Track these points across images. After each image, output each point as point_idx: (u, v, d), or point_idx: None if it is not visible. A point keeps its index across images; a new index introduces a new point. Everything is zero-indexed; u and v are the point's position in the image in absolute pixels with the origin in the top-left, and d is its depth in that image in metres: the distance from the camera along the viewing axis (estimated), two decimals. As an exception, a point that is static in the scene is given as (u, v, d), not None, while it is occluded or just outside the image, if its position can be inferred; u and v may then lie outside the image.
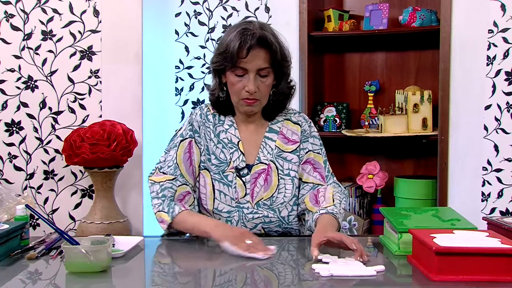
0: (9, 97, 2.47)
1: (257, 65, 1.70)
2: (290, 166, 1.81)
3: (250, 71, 1.71)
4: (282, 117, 1.87)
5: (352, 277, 1.31)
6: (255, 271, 1.39)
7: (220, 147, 1.80)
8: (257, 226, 1.78)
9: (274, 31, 1.77)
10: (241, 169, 1.78)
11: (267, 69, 1.72)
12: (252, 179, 1.78)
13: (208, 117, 1.84)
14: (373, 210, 3.02)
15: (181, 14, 3.02)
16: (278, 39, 1.75)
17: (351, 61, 3.14)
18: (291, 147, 1.83)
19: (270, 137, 1.83)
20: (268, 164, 1.79)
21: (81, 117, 2.50)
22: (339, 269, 1.33)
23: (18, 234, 1.59)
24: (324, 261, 1.41)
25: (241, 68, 1.71)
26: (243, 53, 1.68)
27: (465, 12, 2.62)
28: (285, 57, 1.77)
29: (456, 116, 2.66)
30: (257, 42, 1.68)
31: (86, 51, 2.48)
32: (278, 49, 1.72)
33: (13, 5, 2.45)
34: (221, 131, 1.82)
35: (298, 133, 1.85)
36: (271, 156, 1.81)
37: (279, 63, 1.74)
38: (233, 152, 1.79)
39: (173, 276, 1.41)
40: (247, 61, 1.70)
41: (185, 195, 1.78)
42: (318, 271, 1.33)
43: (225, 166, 1.79)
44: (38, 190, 2.51)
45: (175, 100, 3.06)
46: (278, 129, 1.85)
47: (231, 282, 1.33)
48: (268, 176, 1.78)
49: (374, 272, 1.34)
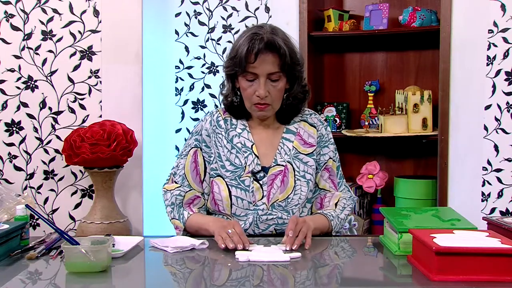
0: (9, 97, 2.47)
1: (266, 69, 1.70)
2: (306, 168, 1.81)
3: (260, 76, 1.71)
4: (298, 118, 1.87)
5: (267, 262, 1.43)
6: (255, 272, 1.39)
7: (234, 152, 1.79)
8: (269, 227, 1.77)
9: (286, 35, 1.76)
10: (257, 172, 1.77)
11: (278, 73, 1.72)
12: (269, 181, 1.77)
13: (220, 123, 1.83)
14: (373, 210, 3.02)
15: (181, 14, 3.02)
16: (289, 43, 1.74)
17: (351, 61, 3.14)
18: (308, 149, 1.83)
19: (288, 138, 1.83)
20: (285, 166, 1.79)
21: (81, 117, 2.50)
22: (256, 255, 1.46)
23: (18, 234, 1.59)
24: (249, 249, 1.52)
25: (251, 73, 1.71)
26: (252, 58, 1.68)
27: (465, 12, 2.62)
28: (297, 61, 1.76)
29: (456, 116, 2.66)
30: (265, 46, 1.68)
31: (86, 51, 2.48)
32: (288, 53, 1.71)
33: (13, 5, 2.45)
34: (234, 135, 1.81)
35: (314, 136, 1.85)
36: (288, 157, 1.80)
37: (290, 67, 1.73)
38: (247, 156, 1.78)
39: (173, 276, 1.41)
40: (256, 66, 1.69)
41: (194, 199, 1.81)
42: (237, 257, 1.46)
43: (241, 171, 1.77)
44: (38, 190, 2.51)
45: (175, 100, 3.06)
46: (295, 130, 1.85)
47: (230, 282, 1.33)
48: (285, 177, 1.78)
49: (288, 258, 1.44)
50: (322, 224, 1.75)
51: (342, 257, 1.61)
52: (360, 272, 1.44)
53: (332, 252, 1.62)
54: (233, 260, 1.45)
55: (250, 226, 1.76)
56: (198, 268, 1.47)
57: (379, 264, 1.53)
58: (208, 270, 1.46)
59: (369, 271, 1.44)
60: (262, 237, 1.73)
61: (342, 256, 1.63)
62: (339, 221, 1.80)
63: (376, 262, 1.54)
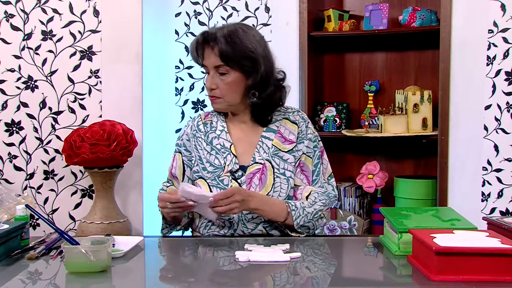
0: (9, 97, 2.47)
1: (211, 62, 1.77)
2: (286, 166, 1.81)
3: (210, 68, 1.78)
4: (280, 116, 1.87)
5: (266, 262, 1.42)
6: (255, 272, 1.39)
7: (214, 154, 1.82)
8: (258, 226, 1.77)
9: (242, 31, 1.76)
10: (235, 171, 1.79)
11: (223, 66, 1.75)
12: (247, 180, 1.78)
13: (199, 127, 1.88)
14: (373, 210, 3.02)
15: (181, 14, 3.02)
16: (236, 38, 1.74)
17: (351, 61, 3.14)
18: (288, 146, 1.83)
19: (268, 136, 1.84)
20: (263, 164, 1.80)
21: (81, 117, 2.50)
22: (256, 255, 1.46)
23: (18, 234, 1.59)
24: (249, 249, 1.52)
25: (204, 66, 1.80)
26: (194, 52, 1.79)
27: (465, 12, 2.62)
28: (246, 55, 1.75)
29: (456, 116, 2.66)
30: (206, 40, 1.75)
31: (86, 51, 2.48)
32: (231, 47, 1.72)
33: (13, 5, 2.45)
34: (213, 137, 1.85)
35: (295, 133, 1.85)
36: (267, 155, 1.81)
37: (234, 61, 1.74)
38: (226, 156, 1.81)
39: (173, 276, 1.41)
40: (205, 59, 1.78)
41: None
42: (237, 257, 1.45)
43: (220, 171, 1.80)
44: (38, 190, 2.51)
45: (175, 100, 3.06)
46: (276, 128, 1.85)
47: (231, 282, 1.33)
48: (263, 175, 1.78)
49: (288, 258, 1.44)
50: (277, 209, 1.73)
51: (342, 257, 1.62)
52: (360, 272, 1.44)
53: (332, 252, 1.62)
54: (233, 260, 1.45)
55: (238, 226, 1.77)
56: (198, 268, 1.47)
57: (379, 264, 1.53)
58: (208, 270, 1.46)
59: (369, 271, 1.44)
60: (251, 237, 1.72)
61: (342, 256, 1.63)
62: (304, 214, 1.73)
63: (376, 262, 1.54)
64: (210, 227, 1.80)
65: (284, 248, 1.53)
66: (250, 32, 1.79)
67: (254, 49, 1.76)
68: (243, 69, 1.76)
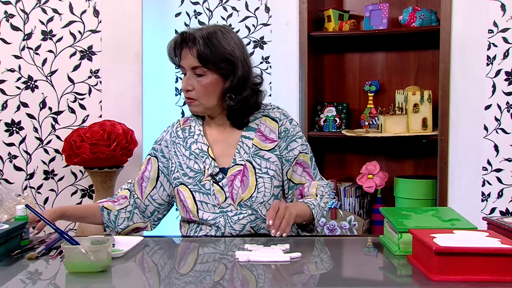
0: (9, 97, 2.47)
1: (188, 63, 1.73)
2: (268, 165, 1.79)
3: (186, 70, 1.75)
4: (260, 114, 1.84)
5: (266, 262, 1.41)
6: (255, 272, 1.39)
7: (193, 158, 1.80)
8: (245, 227, 1.76)
9: (221, 33, 1.74)
10: (215, 174, 1.77)
11: (200, 68, 1.72)
12: (229, 182, 1.76)
13: (178, 133, 1.86)
14: (373, 210, 3.02)
15: (181, 14, 3.02)
16: (215, 39, 1.72)
17: (351, 61, 3.14)
18: (269, 145, 1.80)
19: (248, 135, 1.81)
20: (244, 165, 1.77)
21: (81, 117, 2.50)
22: (256, 255, 1.44)
23: (18, 234, 1.59)
24: (249, 249, 1.51)
25: (181, 67, 1.77)
26: (172, 52, 1.75)
27: (465, 12, 2.62)
28: (223, 57, 1.72)
29: (456, 116, 2.66)
30: (184, 40, 1.72)
31: (86, 51, 2.48)
32: (209, 48, 1.70)
33: (13, 5, 2.45)
34: (192, 142, 1.82)
35: (275, 131, 1.82)
36: (247, 155, 1.78)
37: (211, 62, 1.71)
38: (205, 160, 1.78)
39: (173, 276, 1.41)
40: (182, 59, 1.75)
41: (120, 198, 1.85)
42: (237, 257, 1.44)
43: (200, 176, 1.77)
44: (38, 190, 2.51)
45: (175, 100, 3.06)
46: (256, 126, 1.82)
47: (230, 282, 1.33)
48: (244, 176, 1.76)
49: (288, 258, 1.43)
50: (304, 211, 1.71)
51: (342, 257, 1.61)
52: (360, 272, 1.44)
53: (332, 252, 1.62)
54: (233, 260, 1.45)
55: (225, 229, 1.75)
56: (198, 268, 1.47)
57: (379, 264, 1.53)
58: (208, 270, 1.46)
59: (369, 271, 1.44)
60: (238, 237, 1.72)
61: (342, 256, 1.63)
62: (320, 209, 1.77)
63: (376, 262, 1.54)
64: (199, 232, 1.79)
65: (284, 248, 1.53)
66: (229, 35, 1.76)
67: (232, 51, 1.74)
68: (221, 72, 1.74)
